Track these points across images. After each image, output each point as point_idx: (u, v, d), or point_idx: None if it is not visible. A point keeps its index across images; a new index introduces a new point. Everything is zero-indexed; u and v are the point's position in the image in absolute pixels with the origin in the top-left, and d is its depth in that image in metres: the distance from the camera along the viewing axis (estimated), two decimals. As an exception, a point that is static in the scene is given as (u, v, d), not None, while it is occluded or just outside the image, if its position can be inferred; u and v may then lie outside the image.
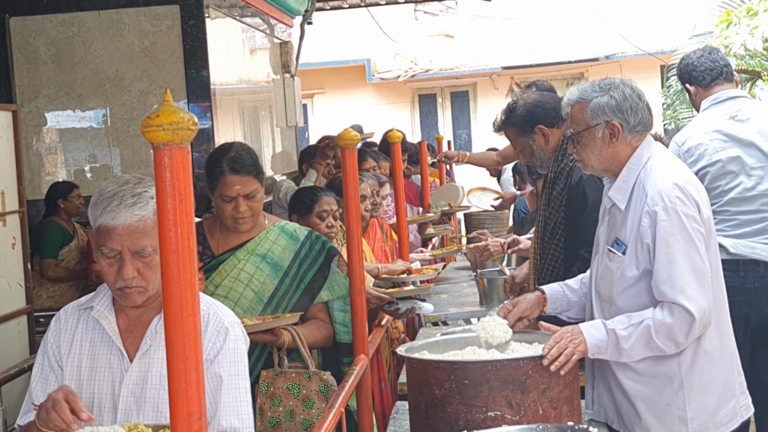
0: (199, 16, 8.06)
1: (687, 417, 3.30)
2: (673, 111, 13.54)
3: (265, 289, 3.88)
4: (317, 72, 19.38)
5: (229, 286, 3.87)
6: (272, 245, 3.91)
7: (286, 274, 3.91)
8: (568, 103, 3.45)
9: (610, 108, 3.34)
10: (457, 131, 21.42)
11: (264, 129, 10.37)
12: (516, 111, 4.34)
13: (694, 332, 3.21)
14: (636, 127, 3.35)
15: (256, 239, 3.92)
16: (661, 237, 3.21)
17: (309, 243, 3.97)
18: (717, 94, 5.01)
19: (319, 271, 3.96)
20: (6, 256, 5.66)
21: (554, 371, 3.09)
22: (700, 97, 5.09)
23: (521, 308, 3.50)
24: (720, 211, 4.81)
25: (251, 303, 3.85)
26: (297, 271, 3.93)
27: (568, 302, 3.60)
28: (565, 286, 3.63)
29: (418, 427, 3.24)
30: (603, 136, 3.35)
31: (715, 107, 5.00)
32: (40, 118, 8.18)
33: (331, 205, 4.87)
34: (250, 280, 3.87)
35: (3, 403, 4.87)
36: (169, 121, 1.66)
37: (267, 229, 3.95)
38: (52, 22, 8.07)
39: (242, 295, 3.86)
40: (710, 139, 4.90)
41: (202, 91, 8.11)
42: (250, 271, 3.88)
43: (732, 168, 4.85)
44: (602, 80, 3.42)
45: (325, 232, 4.74)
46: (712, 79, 5.04)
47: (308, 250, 3.95)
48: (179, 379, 1.67)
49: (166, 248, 1.66)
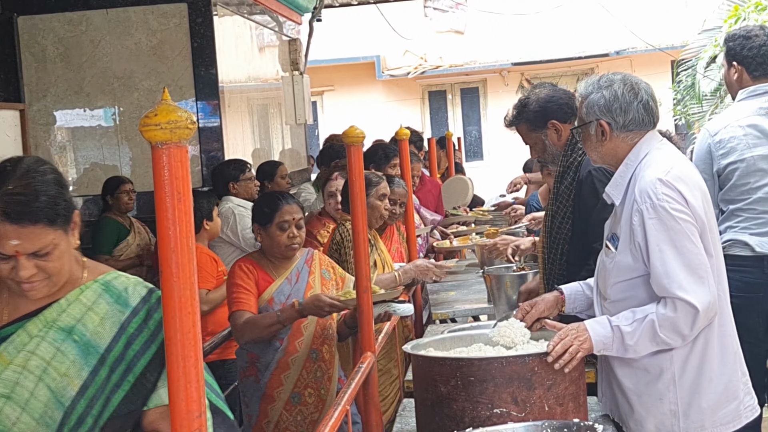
0: (207, 14, 8.07)
1: (679, 412, 3.28)
2: (683, 107, 13.51)
3: (68, 386, 2.46)
4: (327, 69, 19.38)
5: (12, 379, 2.46)
6: (85, 313, 2.51)
7: (102, 359, 2.48)
8: (578, 96, 3.49)
9: (599, 107, 3.34)
10: (467, 128, 21.41)
11: (273, 126, 10.38)
12: (528, 106, 4.31)
13: (699, 324, 3.19)
14: (627, 126, 3.33)
15: (59, 304, 2.52)
16: (652, 234, 3.20)
17: (146, 310, 2.53)
18: (757, 86, 4.86)
19: (157, 354, 2.50)
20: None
21: (558, 369, 3.08)
22: (742, 82, 4.90)
23: (539, 309, 3.48)
24: (747, 208, 4.78)
25: (45, 409, 2.45)
26: (121, 355, 2.49)
27: (587, 301, 3.56)
28: (585, 285, 3.59)
29: (424, 423, 3.24)
30: (596, 133, 3.37)
31: (751, 99, 4.86)
32: (48, 117, 8.20)
33: (293, 214, 4.53)
34: (45, 371, 2.47)
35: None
36: (167, 120, 1.66)
37: (81, 287, 2.54)
38: (60, 21, 8.09)
39: (33, 395, 2.45)
40: (744, 134, 4.80)
41: (211, 89, 8.12)
42: (46, 355, 2.47)
43: (762, 166, 4.77)
44: (606, 75, 3.42)
45: (287, 243, 4.49)
46: (764, 71, 4.87)
47: (142, 322, 2.52)
48: (179, 378, 1.68)
49: (165, 247, 1.67)
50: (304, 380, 4.52)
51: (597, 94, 3.35)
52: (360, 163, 3.85)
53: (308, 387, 4.52)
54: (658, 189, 3.21)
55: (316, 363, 4.55)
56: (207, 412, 1.77)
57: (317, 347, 4.56)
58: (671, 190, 3.22)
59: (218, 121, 8.17)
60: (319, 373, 4.56)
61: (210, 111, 8.18)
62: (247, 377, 4.56)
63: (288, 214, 4.52)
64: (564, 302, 3.54)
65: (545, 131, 4.27)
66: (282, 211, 4.51)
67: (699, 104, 12.77)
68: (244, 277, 4.46)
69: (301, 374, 4.51)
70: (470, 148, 20.93)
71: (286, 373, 4.49)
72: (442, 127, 20.09)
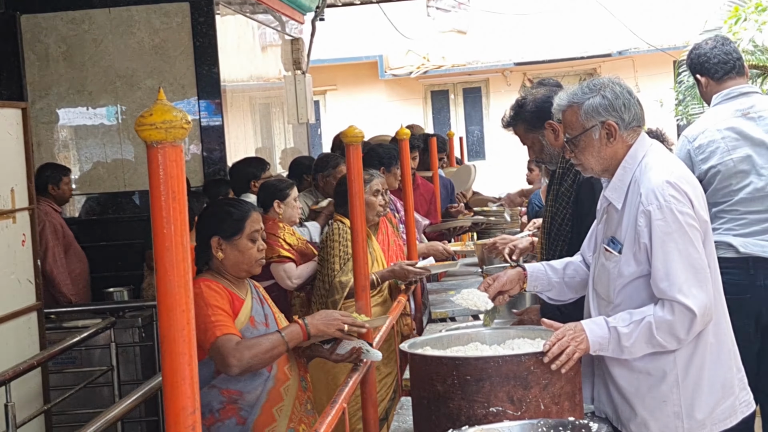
0: (209, 13, 8.10)
1: (683, 413, 3.30)
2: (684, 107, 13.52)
3: None
4: (329, 69, 19.39)
5: None
6: None
7: None
8: (559, 108, 3.42)
9: (603, 107, 3.32)
10: (470, 127, 21.42)
11: (276, 126, 10.40)
12: (525, 107, 4.32)
13: (696, 328, 3.21)
14: (630, 123, 3.34)
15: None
16: (657, 236, 3.21)
17: None
18: (730, 89, 4.92)
19: None
20: (16, 253, 5.70)
21: (555, 369, 3.10)
22: (711, 89, 4.99)
23: (501, 282, 3.62)
24: (730, 210, 4.80)
25: None
26: None
27: (549, 282, 3.66)
28: (548, 266, 3.68)
29: (421, 422, 3.26)
30: (600, 136, 3.33)
31: (726, 103, 4.92)
32: (51, 116, 8.23)
33: (261, 222, 3.88)
34: None
35: (12, 399, 4.91)
36: (162, 120, 1.68)
37: None
38: (63, 20, 8.12)
39: None
40: (722, 137, 4.84)
41: (213, 88, 8.14)
42: None
43: (743, 167, 4.81)
44: (590, 81, 3.40)
45: (257, 258, 3.79)
46: (725, 72, 4.93)
47: None
48: (173, 374, 1.70)
49: (160, 246, 1.69)
50: (298, 413, 3.81)
51: (595, 98, 3.33)
52: (359, 162, 3.87)
53: (302, 422, 3.81)
54: (665, 191, 3.23)
55: (305, 393, 3.89)
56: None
57: (303, 373, 3.90)
58: (678, 192, 3.23)
59: (220, 120, 8.20)
60: (309, 405, 3.90)
61: (212, 110, 8.20)
62: (222, 420, 3.68)
63: (257, 222, 3.82)
64: (526, 279, 3.64)
65: (542, 132, 4.27)
66: (252, 219, 3.79)
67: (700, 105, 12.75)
68: (217, 297, 3.65)
69: (294, 406, 3.79)
70: (472, 147, 20.93)
71: (278, 406, 3.75)
72: (445, 127, 20.09)
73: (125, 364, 6.78)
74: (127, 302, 7.22)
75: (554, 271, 3.67)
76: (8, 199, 5.61)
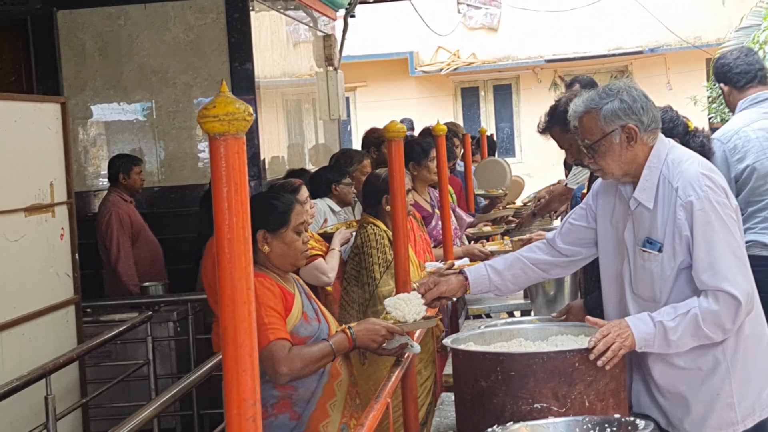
0: (243, 9, 8.12)
1: (735, 402, 3.32)
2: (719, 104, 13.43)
3: None
4: (360, 65, 19.38)
5: None
6: None
7: None
8: (575, 115, 3.39)
9: (623, 111, 3.30)
10: (500, 124, 21.35)
11: (307, 122, 10.41)
12: (558, 108, 4.34)
13: (740, 317, 3.22)
14: (650, 125, 3.34)
15: None
16: (699, 226, 3.22)
17: None
18: (755, 94, 5.10)
19: None
20: (55, 246, 5.74)
21: (601, 366, 3.09)
22: (734, 98, 5.18)
23: (440, 290, 3.70)
24: (764, 208, 4.89)
25: None
26: None
27: (491, 284, 3.72)
28: (491, 269, 3.72)
29: (464, 418, 3.25)
30: (620, 141, 3.31)
31: (754, 107, 5.08)
32: (86, 111, 8.28)
33: (304, 215, 3.75)
34: None
35: (52, 391, 4.94)
36: (225, 112, 1.69)
37: None
38: (99, 16, 8.16)
39: None
40: (756, 137, 4.97)
41: (247, 84, 8.16)
42: None
43: None
44: (605, 86, 3.40)
45: (303, 250, 3.70)
46: (747, 81, 5.13)
47: None
48: (233, 366, 1.70)
49: (222, 237, 1.69)
50: (349, 408, 3.77)
51: (613, 102, 3.31)
52: (401, 158, 3.87)
53: (353, 417, 3.77)
54: (701, 181, 3.25)
55: (354, 388, 3.87)
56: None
57: (350, 368, 3.87)
58: (713, 182, 3.27)
59: (254, 116, 8.20)
60: (358, 400, 3.86)
61: (246, 106, 8.22)
62: (276, 415, 3.63)
63: (301, 215, 3.71)
64: (468, 287, 3.71)
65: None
66: (296, 211, 3.68)
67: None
68: (270, 296, 3.55)
69: (345, 401, 3.76)
70: (503, 144, 20.85)
71: (332, 401, 3.71)
72: (475, 124, 20.04)
73: (160, 358, 6.82)
74: (162, 297, 7.25)
75: (497, 273, 3.71)
76: (47, 193, 5.65)
